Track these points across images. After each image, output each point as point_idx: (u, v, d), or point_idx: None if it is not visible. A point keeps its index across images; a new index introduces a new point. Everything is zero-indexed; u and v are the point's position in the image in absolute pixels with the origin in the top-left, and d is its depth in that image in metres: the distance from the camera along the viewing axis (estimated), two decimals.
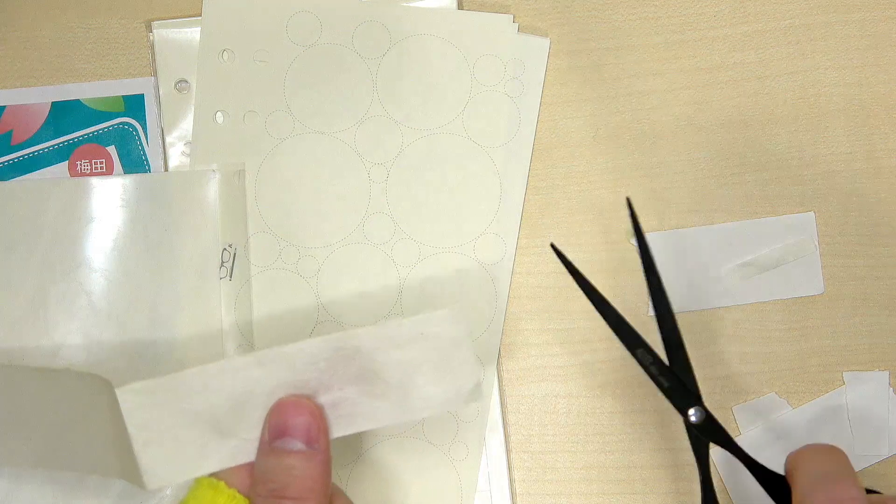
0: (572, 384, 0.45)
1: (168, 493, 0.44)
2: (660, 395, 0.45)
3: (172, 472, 0.34)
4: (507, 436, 0.45)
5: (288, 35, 0.45)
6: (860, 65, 0.46)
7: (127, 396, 0.33)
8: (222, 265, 0.45)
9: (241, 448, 0.34)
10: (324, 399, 0.35)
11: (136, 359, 0.44)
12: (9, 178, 0.45)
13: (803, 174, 0.45)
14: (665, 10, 0.46)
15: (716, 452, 0.44)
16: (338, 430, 0.35)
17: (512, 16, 0.46)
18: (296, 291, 0.45)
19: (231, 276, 0.45)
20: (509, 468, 0.44)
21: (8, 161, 0.45)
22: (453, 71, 0.45)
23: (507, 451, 0.45)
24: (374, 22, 0.45)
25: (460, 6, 0.46)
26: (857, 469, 0.43)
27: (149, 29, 0.45)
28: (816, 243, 0.45)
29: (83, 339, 0.44)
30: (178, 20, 0.45)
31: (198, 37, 0.45)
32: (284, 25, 0.45)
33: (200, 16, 0.45)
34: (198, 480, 0.34)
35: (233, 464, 0.34)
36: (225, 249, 0.45)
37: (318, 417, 0.34)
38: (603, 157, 0.46)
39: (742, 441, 0.44)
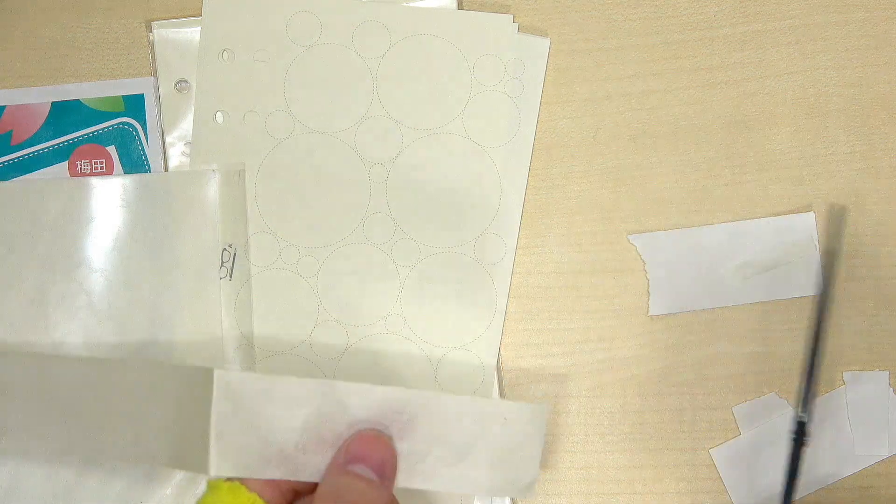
0: (572, 384, 0.45)
1: (168, 493, 0.44)
2: (659, 395, 0.45)
3: (237, 467, 0.34)
4: None
5: (288, 35, 0.45)
6: (860, 65, 0.46)
7: (222, 383, 0.34)
8: (222, 265, 0.45)
9: (307, 466, 0.35)
10: (399, 446, 0.36)
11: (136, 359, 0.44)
12: (9, 178, 0.45)
13: (803, 174, 0.45)
14: (665, 10, 0.46)
15: (716, 452, 0.44)
16: (403, 481, 0.36)
17: (512, 16, 0.46)
18: (296, 291, 0.45)
19: (231, 276, 0.45)
20: None
21: (8, 161, 0.45)
22: (453, 71, 0.45)
23: None
24: (374, 22, 0.45)
25: (460, 6, 0.46)
26: (857, 469, 0.44)
27: (149, 29, 0.45)
28: (816, 243, 0.45)
29: (83, 339, 0.44)
30: (178, 20, 0.45)
31: (198, 37, 0.45)
32: (284, 25, 0.45)
33: (200, 16, 0.45)
34: (216, 483, 0.34)
35: (294, 478, 0.35)
36: (225, 249, 0.45)
37: (394, 457, 0.35)
38: (603, 157, 0.46)
39: (742, 441, 0.44)
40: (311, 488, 0.35)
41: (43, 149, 0.45)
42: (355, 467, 0.34)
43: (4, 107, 0.45)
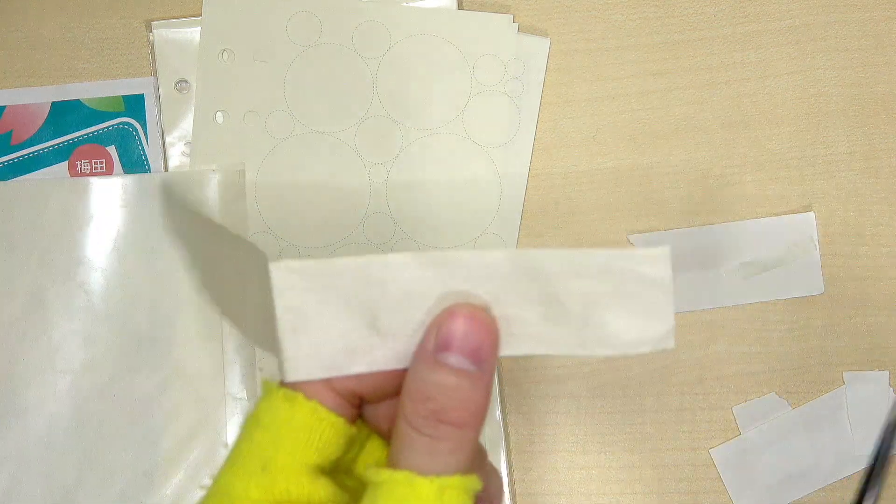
0: (572, 384, 0.45)
1: (168, 493, 0.44)
2: (659, 395, 0.45)
3: (317, 366, 0.30)
4: (507, 436, 0.45)
5: (288, 35, 0.45)
6: (860, 65, 0.46)
7: (280, 274, 0.29)
8: None
9: (396, 351, 0.30)
10: (496, 312, 0.30)
11: (136, 359, 0.44)
12: (9, 178, 0.45)
13: (803, 174, 0.45)
14: (665, 10, 0.46)
15: (716, 452, 0.44)
16: (506, 349, 0.31)
17: (512, 16, 0.46)
18: None
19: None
20: (509, 468, 0.44)
21: (8, 161, 0.45)
22: (453, 71, 0.45)
23: (507, 451, 0.44)
24: (374, 22, 0.45)
25: (460, 6, 0.46)
26: (857, 469, 0.44)
27: (149, 29, 0.45)
28: (816, 243, 0.45)
29: (83, 338, 0.44)
30: (178, 20, 0.45)
31: (198, 37, 0.45)
32: (284, 25, 0.45)
33: (200, 16, 0.45)
34: (270, 390, 0.30)
35: (384, 368, 0.30)
36: None
37: (493, 334, 0.29)
38: (603, 157, 0.46)
39: (742, 441, 0.44)
40: (379, 393, 0.30)
41: (43, 149, 0.45)
42: (447, 357, 0.28)
43: (4, 107, 0.45)
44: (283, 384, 0.29)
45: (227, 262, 0.35)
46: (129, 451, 0.44)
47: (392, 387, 0.30)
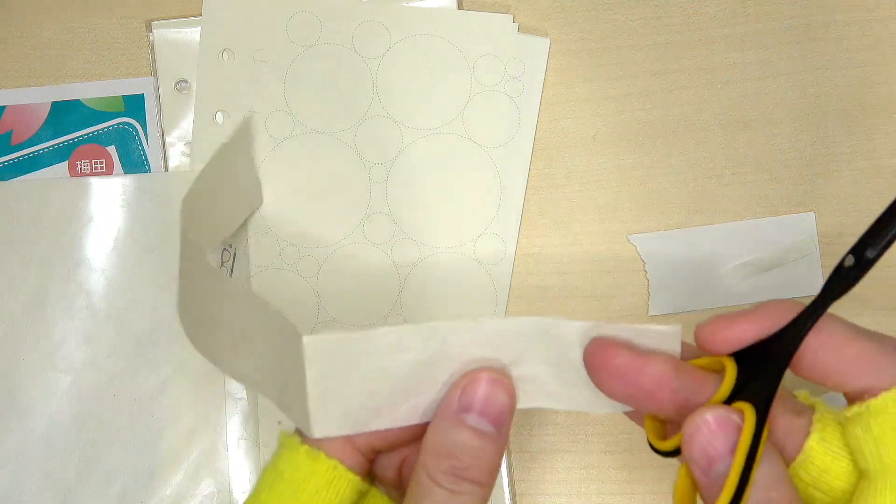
0: None
1: (168, 493, 0.44)
2: None
3: (341, 426, 0.32)
4: None
5: (288, 35, 0.45)
6: (860, 65, 0.46)
7: (313, 345, 0.31)
8: (222, 265, 0.45)
9: (417, 409, 0.32)
10: (514, 372, 0.32)
11: (136, 359, 0.44)
12: (9, 178, 0.45)
13: (803, 174, 0.45)
14: (665, 10, 0.46)
15: None
16: (520, 403, 0.32)
17: (512, 16, 0.46)
18: (296, 291, 0.45)
19: (231, 276, 0.45)
20: (509, 468, 0.44)
21: (8, 161, 0.45)
22: (453, 71, 0.45)
23: (508, 451, 0.45)
24: (374, 22, 0.45)
25: (460, 6, 0.46)
26: None
27: (149, 29, 0.45)
28: (816, 243, 0.45)
29: (83, 338, 0.44)
30: (178, 20, 0.45)
31: (198, 37, 0.45)
32: (284, 25, 0.45)
33: (200, 16, 0.45)
34: (292, 445, 0.31)
35: (404, 424, 0.32)
36: (225, 249, 0.45)
37: (512, 398, 0.31)
38: (603, 157, 0.46)
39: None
40: (392, 445, 0.32)
41: (43, 149, 0.45)
42: (469, 418, 0.30)
43: (4, 107, 0.45)
44: (304, 440, 0.31)
45: (228, 315, 0.36)
46: (129, 451, 0.44)
47: (406, 437, 0.32)
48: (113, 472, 0.44)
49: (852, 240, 0.45)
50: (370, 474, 0.33)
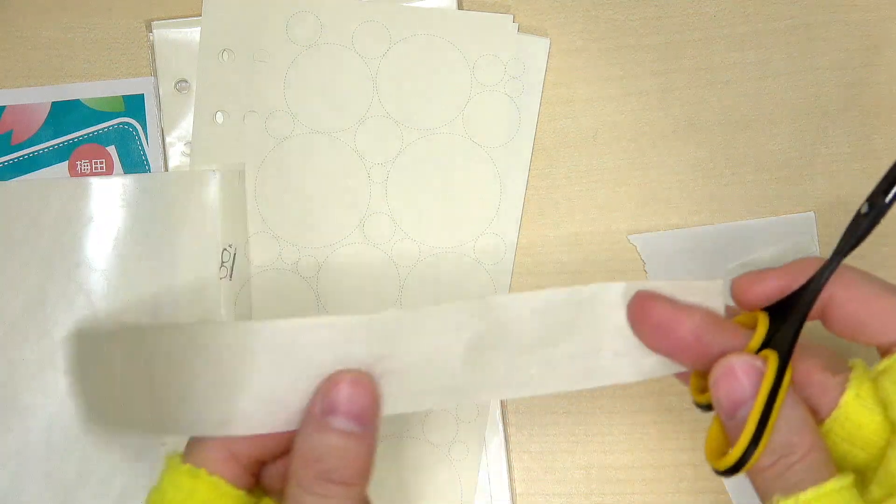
0: None
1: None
2: (659, 395, 0.45)
3: (401, 404, 0.33)
4: (507, 436, 0.45)
5: (288, 35, 0.45)
6: (860, 65, 0.46)
7: (372, 328, 0.32)
8: (222, 265, 0.45)
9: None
10: (563, 349, 0.33)
11: None
12: (9, 178, 0.45)
13: (803, 174, 0.45)
14: (665, 10, 0.46)
15: None
16: (586, 383, 0.33)
17: (512, 16, 0.46)
18: (296, 291, 0.45)
19: (231, 276, 0.45)
20: (509, 468, 0.44)
21: (8, 161, 0.45)
22: (453, 71, 0.45)
23: (507, 451, 0.45)
24: (374, 22, 0.45)
25: (460, 6, 0.46)
26: None
27: (149, 29, 0.45)
28: (816, 243, 0.45)
29: None
30: (178, 20, 0.45)
31: (198, 37, 0.45)
32: (284, 25, 0.45)
33: (200, 16, 0.45)
34: (174, 466, 0.32)
35: (461, 401, 0.33)
36: (225, 249, 0.45)
37: (376, 397, 0.31)
38: (603, 157, 0.46)
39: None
40: (275, 454, 0.32)
41: (43, 149, 0.45)
42: (334, 420, 0.30)
43: (4, 107, 0.45)
44: (185, 459, 0.31)
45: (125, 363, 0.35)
46: (130, 451, 0.44)
47: (288, 446, 0.32)
48: (113, 472, 0.44)
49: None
50: (259, 486, 0.33)
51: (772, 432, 0.30)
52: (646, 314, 0.32)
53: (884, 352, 0.32)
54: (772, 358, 0.30)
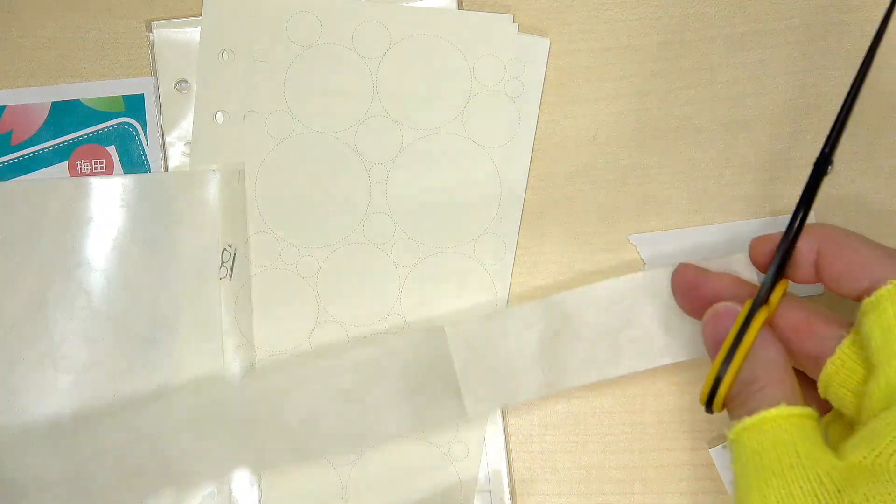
0: None
1: (168, 492, 0.44)
2: (659, 395, 0.45)
3: (490, 401, 0.40)
4: (507, 436, 0.45)
5: (288, 35, 0.45)
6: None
7: (455, 335, 0.40)
8: (222, 265, 0.45)
9: (555, 382, 0.40)
10: (628, 334, 0.40)
11: (136, 359, 0.44)
12: (9, 178, 0.45)
13: (803, 174, 0.45)
14: (665, 10, 0.46)
15: (716, 452, 0.44)
16: (639, 365, 0.40)
17: (512, 16, 0.46)
18: (296, 291, 0.45)
19: (231, 276, 0.45)
20: (509, 468, 0.44)
21: (8, 161, 0.45)
22: (453, 71, 0.45)
23: (507, 451, 0.45)
24: (374, 22, 0.45)
25: (460, 6, 0.46)
26: None
27: (149, 29, 0.45)
28: None
29: (83, 339, 0.44)
30: (178, 20, 0.45)
31: (198, 37, 0.45)
32: (284, 25, 0.45)
33: (200, 16, 0.45)
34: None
35: (544, 393, 0.40)
36: (225, 249, 0.45)
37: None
38: (603, 157, 0.46)
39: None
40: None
41: (43, 149, 0.45)
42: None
43: (4, 107, 0.45)
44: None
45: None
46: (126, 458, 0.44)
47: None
48: (113, 472, 0.44)
49: None
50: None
51: (740, 367, 0.33)
52: (679, 278, 0.39)
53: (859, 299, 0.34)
54: (747, 302, 0.34)
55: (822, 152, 0.36)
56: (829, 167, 0.36)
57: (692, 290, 0.38)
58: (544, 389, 0.40)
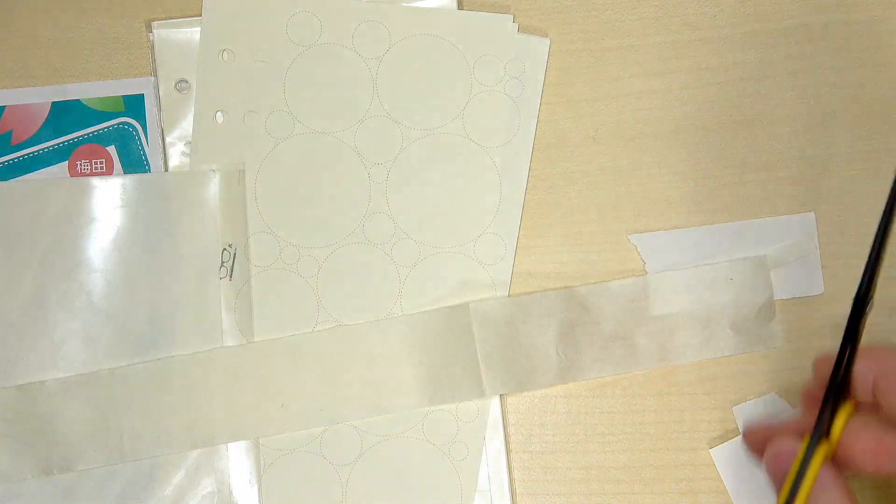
0: (572, 384, 0.45)
1: (168, 493, 0.44)
2: (659, 395, 0.45)
3: (508, 383, 0.43)
4: (507, 436, 0.45)
5: (288, 35, 0.45)
6: (860, 65, 0.46)
7: (478, 313, 0.42)
8: (222, 265, 0.45)
9: (572, 368, 0.42)
10: (646, 329, 0.42)
11: (137, 359, 0.44)
12: (9, 178, 0.45)
13: (803, 174, 0.45)
14: (665, 10, 0.46)
15: (716, 452, 0.44)
16: (658, 362, 0.43)
17: (512, 16, 0.46)
18: (296, 291, 0.45)
19: (231, 276, 0.45)
20: (509, 468, 0.44)
21: (8, 161, 0.45)
22: (453, 71, 0.45)
23: (507, 451, 0.45)
24: (374, 22, 0.45)
25: (460, 6, 0.46)
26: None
27: (149, 29, 0.45)
28: (816, 243, 0.45)
29: (83, 339, 0.44)
30: (178, 20, 0.45)
31: (198, 37, 0.45)
32: (284, 25, 0.45)
33: (200, 16, 0.45)
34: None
35: (559, 381, 0.43)
36: (225, 249, 0.45)
37: None
38: (603, 157, 0.46)
39: (742, 441, 0.44)
40: None
41: (43, 149, 0.45)
42: None
43: (4, 107, 0.45)
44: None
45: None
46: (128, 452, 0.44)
47: None
48: (113, 471, 0.44)
49: (853, 240, 0.45)
50: None
51: (808, 495, 0.33)
52: (748, 443, 0.42)
53: None
54: (805, 438, 0.34)
55: (859, 290, 0.36)
56: (868, 306, 0.36)
57: (757, 451, 0.40)
58: (560, 377, 0.42)
